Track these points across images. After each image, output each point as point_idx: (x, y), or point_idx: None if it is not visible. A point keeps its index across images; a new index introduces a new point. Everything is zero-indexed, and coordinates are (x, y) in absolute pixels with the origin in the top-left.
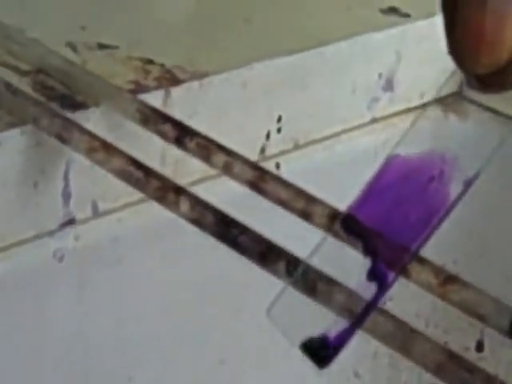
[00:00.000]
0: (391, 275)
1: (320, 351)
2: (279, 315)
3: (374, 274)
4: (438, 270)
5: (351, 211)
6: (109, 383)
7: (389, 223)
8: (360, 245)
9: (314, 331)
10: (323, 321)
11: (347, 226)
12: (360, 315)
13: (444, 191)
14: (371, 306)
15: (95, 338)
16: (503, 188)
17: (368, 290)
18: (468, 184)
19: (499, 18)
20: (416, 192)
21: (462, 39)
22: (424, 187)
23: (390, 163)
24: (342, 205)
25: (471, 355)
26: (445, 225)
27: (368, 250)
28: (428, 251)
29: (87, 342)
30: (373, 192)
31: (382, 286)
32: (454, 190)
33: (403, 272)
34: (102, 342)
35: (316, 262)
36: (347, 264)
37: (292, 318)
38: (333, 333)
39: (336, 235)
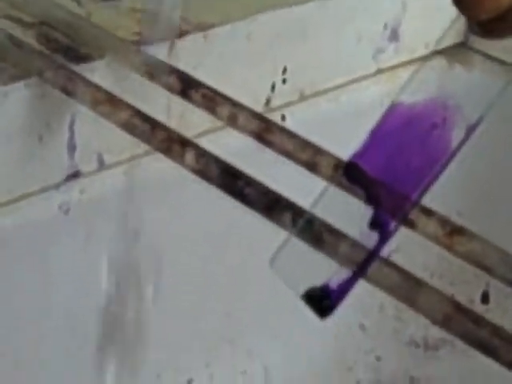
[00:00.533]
0: (393, 223)
1: (321, 301)
2: (282, 265)
3: (376, 223)
4: (443, 221)
5: (353, 160)
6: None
7: (391, 171)
8: (362, 193)
9: (317, 281)
10: (326, 270)
11: (350, 174)
12: (362, 264)
13: (446, 138)
14: (373, 254)
15: (100, 291)
16: (506, 136)
17: (370, 239)
18: (470, 130)
19: None
20: (418, 139)
21: None
22: (427, 134)
23: (392, 110)
24: (348, 156)
25: (477, 307)
26: (449, 175)
27: (370, 199)
28: (433, 202)
29: (92, 294)
30: (375, 140)
31: (384, 234)
32: (457, 136)
33: (405, 220)
34: (108, 294)
35: (319, 212)
36: (350, 213)
37: (295, 268)
38: (335, 282)
39: (339, 184)
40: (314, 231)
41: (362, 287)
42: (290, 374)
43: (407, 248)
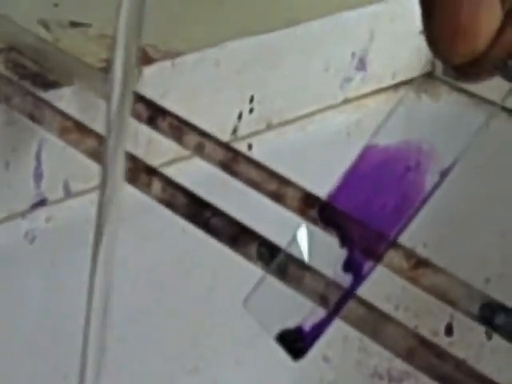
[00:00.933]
0: (367, 265)
1: (295, 343)
2: (256, 306)
3: (350, 265)
4: (409, 254)
5: (328, 200)
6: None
7: (366, 213)
8: (337, 235)
9: (291, 322)
10: (300, 312)
11: (324, 215)
12: (336, 306)
13: (420, 181)
14: (347, 296)
15: (66, 318)
16: (471, 168)
17: (345, 280)
18: (444, 175)
19: (474, 9)
20: (393, 182)
21: (439, 30)
22: (401, 177)
23: (367, 152)
24: (316, 186)
25: (440, 339)
26: None
27: (344, 241)
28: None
29: (58, 322)
30: (350, 181)
31: (359, 276)
32: (430, 180)
33: (379, 261)
34: (73, 322)
35: (294, 250)
36: (325, 253)
37: (269, 309)
38: (308, 324)
39: (312, 221)
40: (287, 270)
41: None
42: None
43: (372, 279)
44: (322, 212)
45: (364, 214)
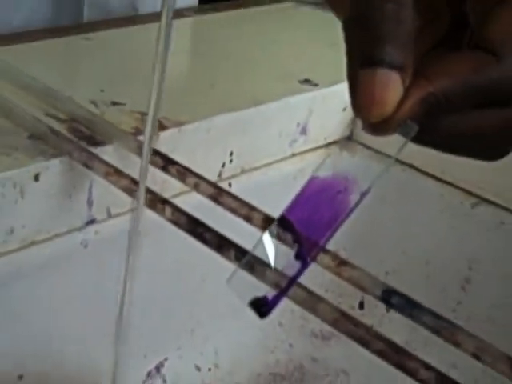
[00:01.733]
0: (309, 258)
1: (261, 307)
2: (235, 284)
3: (299, 256)
4: (334, 256)
5: (284, 215)
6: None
7: (309, 223)
8: (290, 237)
9: (259, 294)
10: (264, 289)
11: (282, 224)
12: (288, 284)
13: (346, 201)
14: (295, 278)
15: (108, 297)
16: (378, 201)
17: (294, 267)
18: (363, 196)
19: (383, 88)
20: (328, 201)
21: (360, 101)
22: (333, 198)
23: (310, 182)
24: (273, 212)
25: (355, 312)
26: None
27: (295, 241)
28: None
29: (103, 300)
30: (299, 201)
31: (303, 265)
32: (353, 199)
33: (317, 257)
34: (112, 300)
35: (260, 251)
36: (282, 249)
37: (243, 286)
38: (270, 295)
39: (274, 231)
40: (254, 266)
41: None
42: (232, 353)
43: (311, 273)
44: (280, 222)
45: (308, 223)
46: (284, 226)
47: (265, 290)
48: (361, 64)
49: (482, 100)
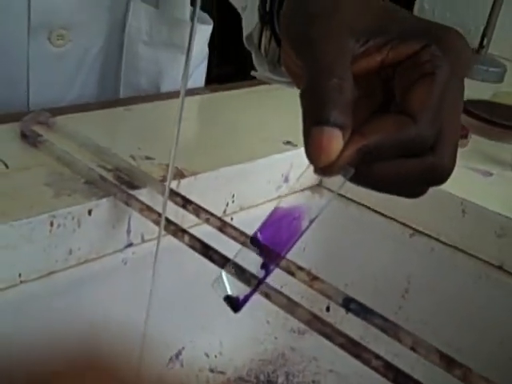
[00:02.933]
0: (271, 267)
1: (234, 303)
2: (218, 286)
3: (264, 266)
4: (308, 273)
5: (255, 234)
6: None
7: (273, 241)
8: (258, 251)
9: (233, 293)
10: (238, 289)
11: (253, 241)
12: (254, 288)
13: (300, 225)
14: (260, 283)
15: (142, 304)
16: (335, 234)
17: (261, 274)
18: (311, 222)
19: (329, 141)
20: (287, 225)
21: (310, 150)
22: (291, 222)
23: (275, 210)
24: None
25: (323, 314)
26: (310, 249)
27: (261, 254)
28: (303, 262)
29: (139, 306)
30: (266, 224)
31: (267, 272)
32: (304, 225)
33: (277, 265)
34: (144, 305)
35: (240, 260)
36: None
37: (223, 288)
38: (241, 296)
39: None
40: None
41: (268, 302)
42: (232, 343)
43: (290, 285)
44: (252, 240)
45: (272, 241)
46: (254, 243)
47: (238, 292)
48: (312, 123)
49: (404, 151)
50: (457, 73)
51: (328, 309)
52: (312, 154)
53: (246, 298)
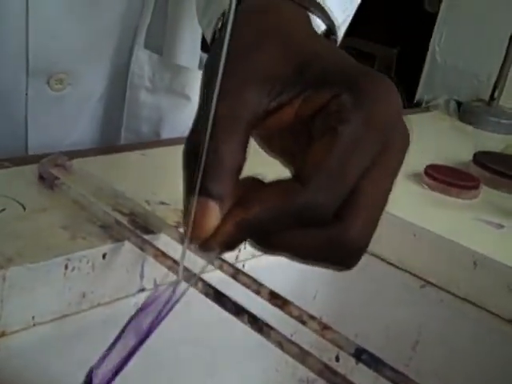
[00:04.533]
0: None
1: None
2: None
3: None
4: (319, 322)
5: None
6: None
7: None
8: None
9: None
10: None
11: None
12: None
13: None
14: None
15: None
16: (349, 282)
17: None
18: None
19: (202, 213)
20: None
21: (184, 223)
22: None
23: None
24: (274, 287)
25: (332, 363)
26: (321, 297)
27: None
28: (312, 309)
29: (149, 352)
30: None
31: None
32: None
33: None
34: (151, 352)
35: None
36: None
37: None
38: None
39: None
40: None
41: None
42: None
43: (300, 334)
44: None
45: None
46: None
47: None
48: (186, 192)
49: (299, 222)
50: (376, 128)
51: (337, 358)
52: (185, 227)
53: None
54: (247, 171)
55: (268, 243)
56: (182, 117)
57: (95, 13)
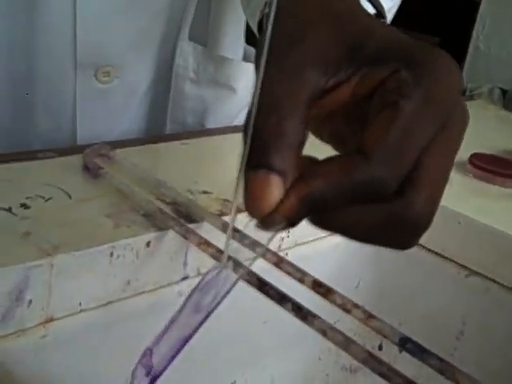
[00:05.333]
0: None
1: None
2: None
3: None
4: (364, 310)
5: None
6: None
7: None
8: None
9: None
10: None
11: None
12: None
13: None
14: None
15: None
16: (392, 271)
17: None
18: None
19: (264, 187)
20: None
21: (245, 197)
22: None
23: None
24: (317, 275)
25: (376, 352)
26: (363, 286)
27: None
28: (355, 298)
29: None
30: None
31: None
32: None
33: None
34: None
35: None
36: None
37: None
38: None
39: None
40: None
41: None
42: (283, 380)
43: (346, 323)
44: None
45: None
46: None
47: None
48: (247, 167)
49: (362, 197)
50: (437, 104)
51: (380, 347)
52: (246, 202)
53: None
54: None
55: (328, 220)
56: (227, 108)
57: (141, 5)
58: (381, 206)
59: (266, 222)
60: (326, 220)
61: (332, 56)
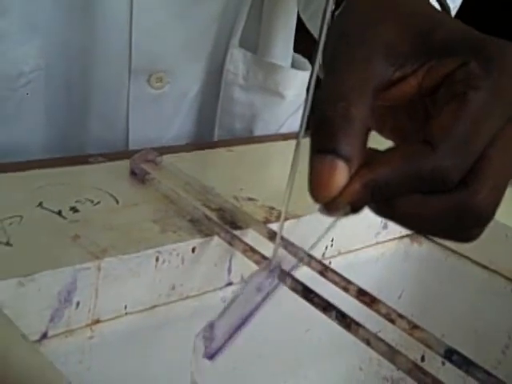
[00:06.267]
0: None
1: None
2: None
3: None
4: (408, 321)
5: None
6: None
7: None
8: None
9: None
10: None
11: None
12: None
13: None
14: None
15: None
16: (436, 282)
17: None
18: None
19: (330, 172)
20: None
21: (310, 182)
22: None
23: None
24: (362, 285)
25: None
26: (406, 296)
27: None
28: (397, 308)
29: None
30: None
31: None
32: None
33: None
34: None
35: None
36: None
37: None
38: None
39: None
40: None
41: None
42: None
43: (388, 333)
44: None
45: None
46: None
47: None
48: (314, 152)
49: (425, 186)
50: (504, 97)
51: (423, 358)
52: (311, 186)
53: (216, 353)
54: None
55: (390, 208)
56: (275, 114)
57: (194, 12)
58: (444, 196)
59: (330, 207)
60: (388, 208)
61: (400, 48)
